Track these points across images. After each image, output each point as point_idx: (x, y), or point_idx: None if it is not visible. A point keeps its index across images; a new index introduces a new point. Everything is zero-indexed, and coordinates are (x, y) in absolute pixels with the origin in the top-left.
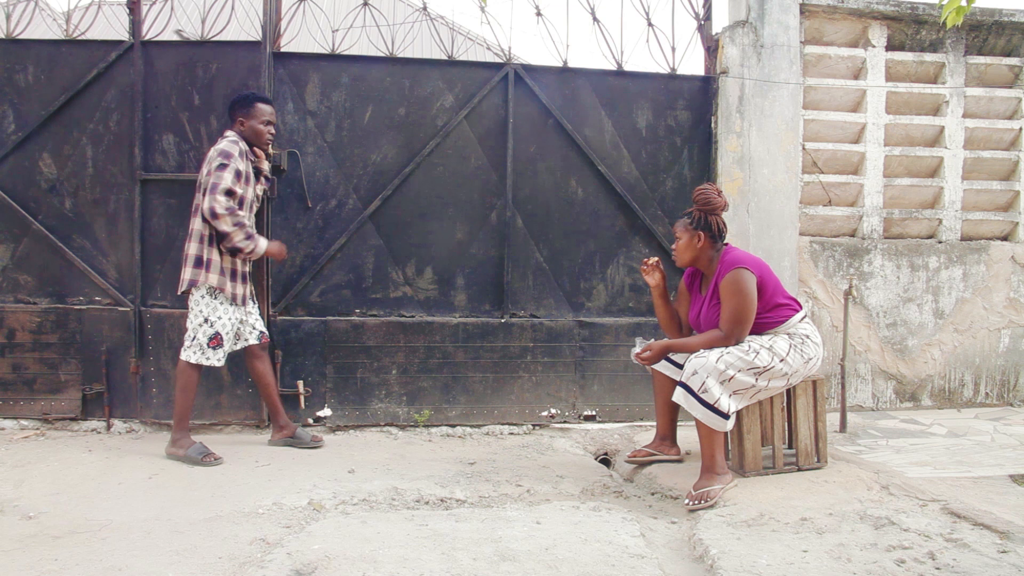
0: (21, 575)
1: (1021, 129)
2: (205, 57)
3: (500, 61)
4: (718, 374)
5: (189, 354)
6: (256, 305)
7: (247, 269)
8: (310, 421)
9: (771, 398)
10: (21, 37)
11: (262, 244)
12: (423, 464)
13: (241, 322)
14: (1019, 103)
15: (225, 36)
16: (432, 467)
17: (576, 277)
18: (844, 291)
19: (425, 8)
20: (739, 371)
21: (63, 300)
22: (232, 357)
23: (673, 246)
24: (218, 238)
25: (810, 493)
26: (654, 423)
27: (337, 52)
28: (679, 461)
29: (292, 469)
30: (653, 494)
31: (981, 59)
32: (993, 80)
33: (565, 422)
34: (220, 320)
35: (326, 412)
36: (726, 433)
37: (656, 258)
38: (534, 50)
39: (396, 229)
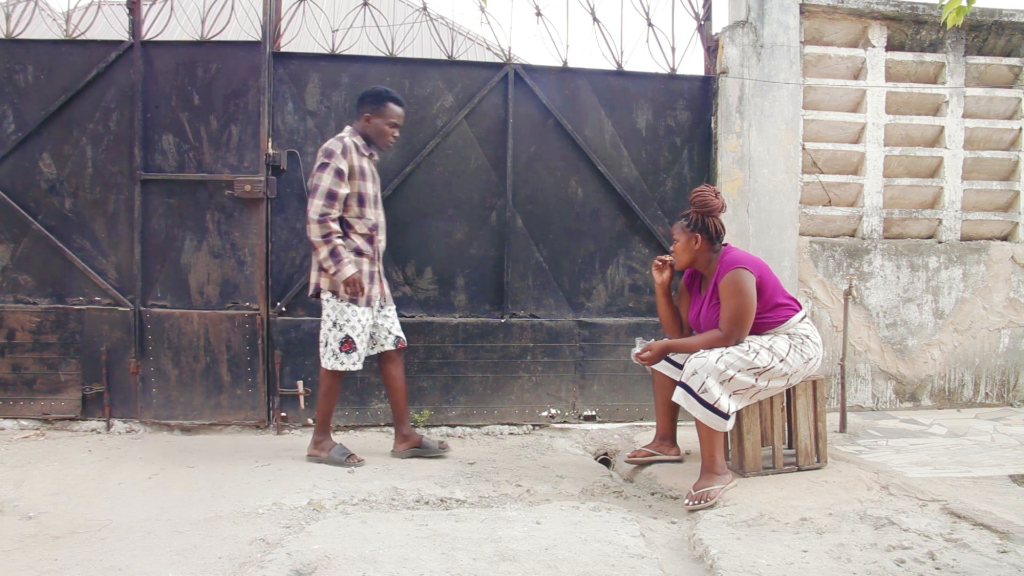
0: (21, 575)
1: (1021, 129)
2: (205, 57)
3: (500, 61)
4: (718, 374)
5: (325, 361)
6: (393, 308)
7: (376, 268)
8: (310, 421)
9: (771, 398)
10: (21, 37)
11: (347, 270)
12: (423, 464)
13: (375, 326)
14: (1019, 103)
15: (225, 36)
16: (432, 467)
17: (576, 277)
18: (844, 291)
19: (425, 8)
20: (739, 371)
21: (63, 300)
22: (234, 356)
23: (672, 248)
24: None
25: (810, 493)
26: (654, 423)
27: (337, 52)
28: (679, 461)
29: (292, 469)
30: (653, 494)
31: (981, 59)
32: (993, 80)
33: (565, 422)
34: (349, 323)
35: None
36: (726, 433)
37: (670, 256)
38: (534, 50)
39: (396, 229)
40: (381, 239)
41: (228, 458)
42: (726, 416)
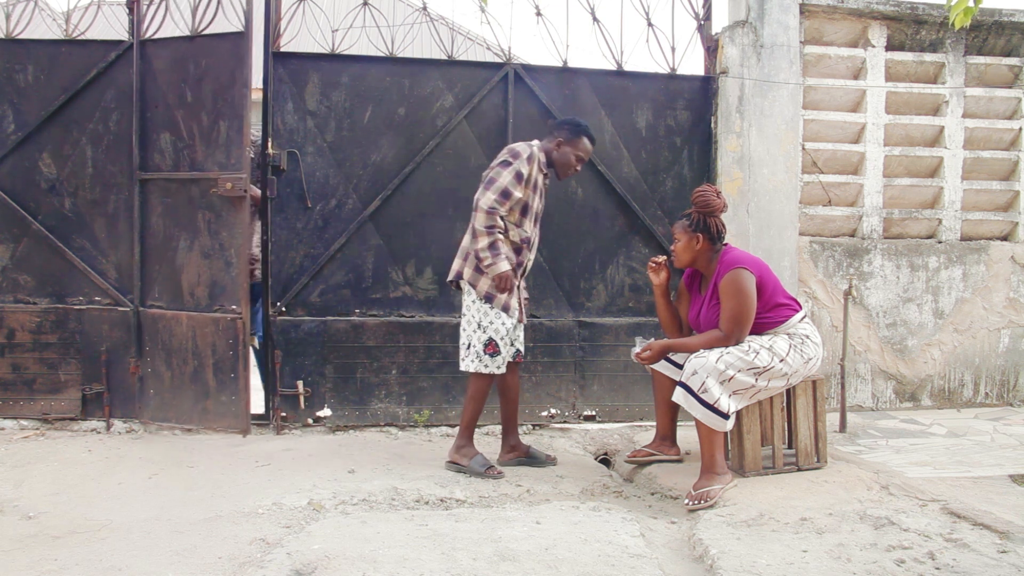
0: (21, 575)
1: (1021, 129)
2: (195, 52)
3: (500, 61)
4: (718, 374)
5: (468, 363)
6: (522, 326)
7: (518, 283)
8: (310, 421)
9: (771, 398)
10: (21, 37)
11: (502, 266)
12: (423, 464)
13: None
14: (1019, 103)
15: (215, 29)
16: (432, 467)
17: (576, 277)
18: (844, 291)
19: (425, 8)
20: (739, 371)
21: (63, 300)
22: (219, 363)
23: (672, 247)
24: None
25: (810, 493)
26: (654, 423)
27: (337, 52)
28: (679, 461)
29: (292, 469)
30: (653, 494)
31: (981, 59)
32: (993, 80)
33: (565, 422)
34: (492, 325)
35: (326, 412)
36: (726, 433)
37: (664, 257)
38: (534, 50)
39: (396, 229)
40: (530, 257)
41: (228, 458)
42: (726, 416)
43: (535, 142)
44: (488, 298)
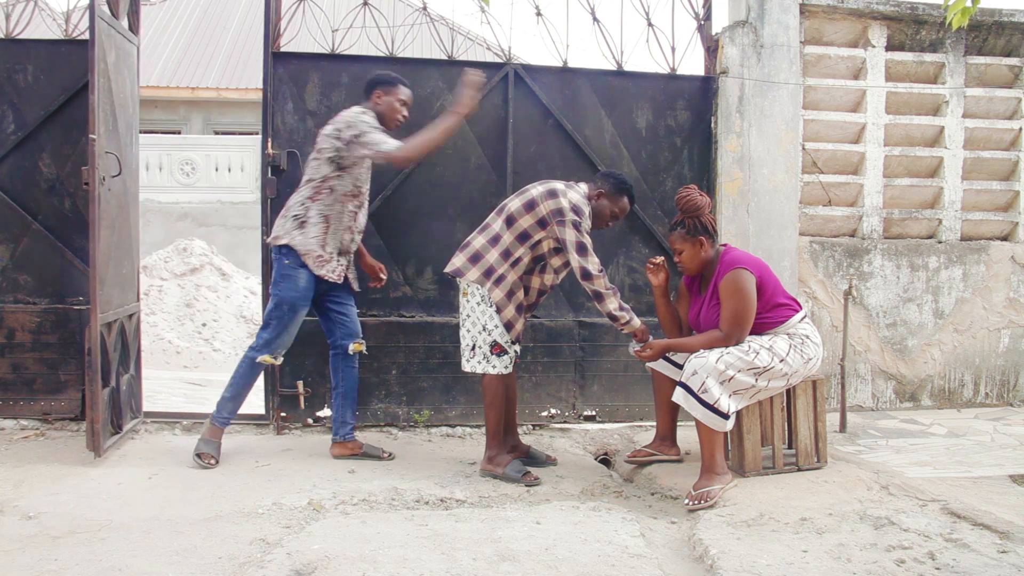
0: (21, 575)
1: (1021, 129)
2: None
3: (500, 61)
4: (718, 374)
5: (474, 365)
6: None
7: (525, 316)
8: (310, 421)
9: (771, 398)
10: (21, 37)
11: (636, 322)
12: (423, 464)
13: None
14: (1019, 103)
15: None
16: (432, 467)
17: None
18: (844, 291)
19: (425, 8)
20: (739, 371)
21: (63, 300)
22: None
23: (677, 259)
24: (592, 296)
25: (810, 493)
26: (654, 423)
27: (337, 52)
28: (679, 461)
29: (292, 469)
30: (653, 494)
31: (981, 59)
32: (993, 80)
33: (565, 422)
34: (497, 328)
35: (326, 412)
36: (726, 433)
37: (662, 258)
38: (534, 50)
39: (396, 229)
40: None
41: (228, 458)
42: (726, 416)
43: (583, 188)
44: (499, 309)
